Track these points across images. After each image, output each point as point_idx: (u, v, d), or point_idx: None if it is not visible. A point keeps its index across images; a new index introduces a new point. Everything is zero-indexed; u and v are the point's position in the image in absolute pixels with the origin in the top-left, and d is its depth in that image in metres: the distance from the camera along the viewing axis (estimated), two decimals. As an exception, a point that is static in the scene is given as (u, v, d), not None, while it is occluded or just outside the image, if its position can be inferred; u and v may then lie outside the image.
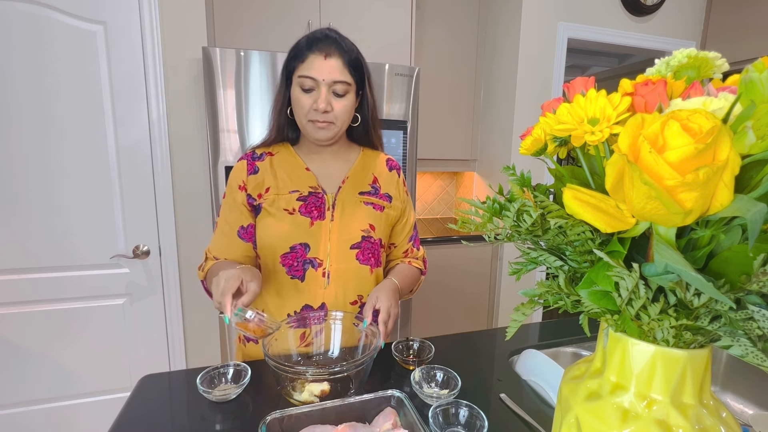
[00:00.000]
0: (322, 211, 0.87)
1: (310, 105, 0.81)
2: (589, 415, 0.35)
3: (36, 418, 1.52)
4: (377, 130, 0.95)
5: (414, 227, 1.02)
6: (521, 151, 0.40)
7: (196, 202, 1.63)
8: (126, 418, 0.67)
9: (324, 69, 0.79)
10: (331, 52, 0.79)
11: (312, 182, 0.88)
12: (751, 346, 0.27)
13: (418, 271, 1.02)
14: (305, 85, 0.80)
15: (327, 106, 0.80)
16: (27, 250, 1.43)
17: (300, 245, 0.85)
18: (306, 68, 0.79)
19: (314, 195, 0.87)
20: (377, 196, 0.93)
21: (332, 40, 0.80)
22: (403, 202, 0.98)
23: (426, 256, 1.07)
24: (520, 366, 0.86)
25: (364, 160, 0.95)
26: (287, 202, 0.86)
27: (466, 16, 2.33)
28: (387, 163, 0.98)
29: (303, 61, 0.80)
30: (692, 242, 0.30)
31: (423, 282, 1.05)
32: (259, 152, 0.91)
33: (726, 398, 0.89)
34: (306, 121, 0.83)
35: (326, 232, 0.86)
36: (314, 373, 0.66)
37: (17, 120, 1.36)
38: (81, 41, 1.39)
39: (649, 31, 2.31)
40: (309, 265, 0.85)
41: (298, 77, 0.80)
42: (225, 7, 1.74)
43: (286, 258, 0.85)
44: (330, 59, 0.79)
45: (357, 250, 0.88)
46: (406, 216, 0.99)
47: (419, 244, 1.05)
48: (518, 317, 0.37)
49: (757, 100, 0.26)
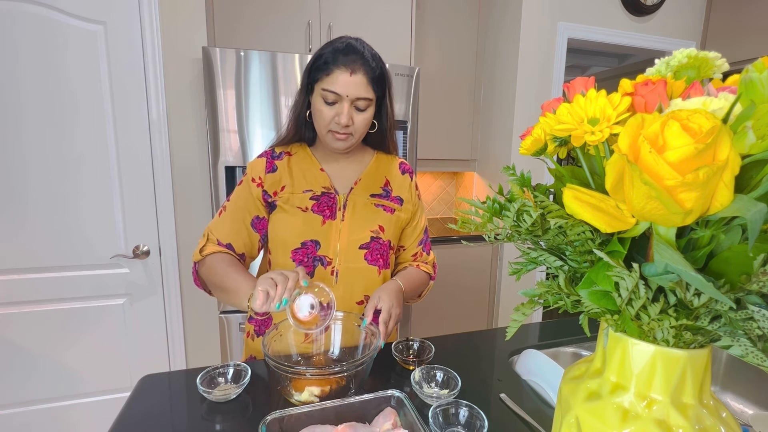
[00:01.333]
0: (334, 210, 0.88)
1: (332, 117, 0.82)
2: (589, 415, 0.35)
3: (36, 418, 1.52)
4: (393, 136, 0.97)
5: (425, 231, 1.03)
6: (521, 151, 0.40)
7: (196, 202, 1.63)
8: (126, 418, 0.67)
9: (349, 85, 0.79)
10: (356, 68, 0.79)
11: (325, 182, 0.90)
12: (751, 346, 0.27)
13: (427, 275, 1.02)
14: (328, 99, 0.80)
15: (349, 120, 0.81)
16: (27, 250, 1.43)
17: (311, 242, 0.86)
18: (330, 83, 0.79)
19: (327, 195, 0.89)
20: (388, 198, 0.94)
21: (358, 55, 0.80)
22: (414, 206, 0.99)
23: (436, 261, 1.07)
24: (520, 366, 0.86)
25: (377, 164, 0.97)
26: (301, 200, 0.88)
27: (466, 16, 2.33)
28: (400, 166, 1.00)
29: (328, 74, 0.80)
30: (692, 242, 0.30)
31: (432, 287, 1.05)
32: (278, 151, 0.92)
33: (726, 398, 0.89)
34: (326, 131, 0.84)
35: (336, 231, 0.88)
36: (314, 373, 0.66)
37: (17, 120, 1.36)
38: (81, 41, 1.39)
39: (649, 31, 2.31)
40: (318, 262, 0.87)
41: (321, 89, 0.81)
42: (225, 7, 1.74)
43: (297, 253, 0.86)
44: (355, 76, 0.79)
45: (366, 250, 0.89)
46: (417, 219, 1.00)
47: (430, 249, 1.06)
48: (518, 317, 0.37)
49: (757, 100, 0.26)
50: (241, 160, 1.57)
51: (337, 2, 1.86)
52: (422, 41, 2.24)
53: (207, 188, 1.63)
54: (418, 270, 1.00)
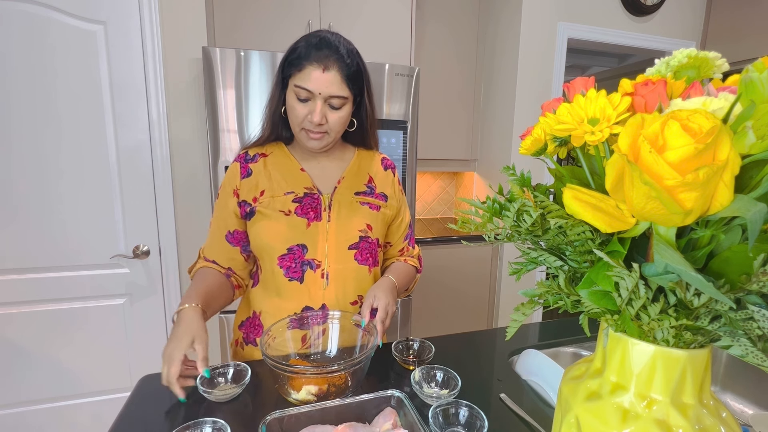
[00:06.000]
0: (319, 212, 0.86)
1: (305, 115, 0.79)
2: (589, 415, 0.35)
3: (36, 418, 1.52)
4: (374, 133, 0.94)
5: (409, 226, 1.02)
6: (521, 151, 0.40)
7: (196, 202, 1.63)
8: (126, 418, 0.66)
9: (321, 82, 0.76)
10: (329, 64, 0.76)
11: (307, 183, 0.87)
12: (751, 346, 0.27)
13: (414, 269, 1.02)
14: (301, 95, 0.77)
15: (322, 119, 0.78)
16: (27, 250, 1.43)
17: (297, 246, 0.84)
18: (302, 79, 0.76)
19: (309, 196, 0.86)
20: (373, 195, 0.92)
21: (332, 50, 0.76)
22: (398, 201, 0.97)
23: (421, 254, 1.08)
24: (520, 366, 0.86)
25: (359, 161, 0.94)
26: (283, 203, 0.85)
27: (466, 16, 2.33)
28: (382, 162, 0.98)
29: (300, 70, 0.76)
30: (692, 242, 0.30)
31: (420, 280, 1.05)
32: (252, 153, 0.89)
33: (726, 398, 0.89)
34: (299, 129, 0.81)
35: (323, 233, 0.86)
36: (311, 372, 0.66)
37: (17, 120, 1.36)
38: (81, 41, 1.39)
39: (649, 31, 2.31)
40: (307, 266, 0.85)
41: (294, 85, 0.78)
42: (225, 7, 1.74)
43: (283, 260, 0.84)
44: (328, 72, 0.76)
45: (355, 250, 0.88)
46: (402, 215, 0.99)
47: (414, 243, 1.06)
48: (518, 317, 0.37)
49: (757, 100, 0.26)
50: (241, 160, 1.57)
51: (337, 2, 1.86)
52: (422, 41, 2.24)
53: (207, 188, 1.62)
54: (406, 264, 0.99)
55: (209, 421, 0.60)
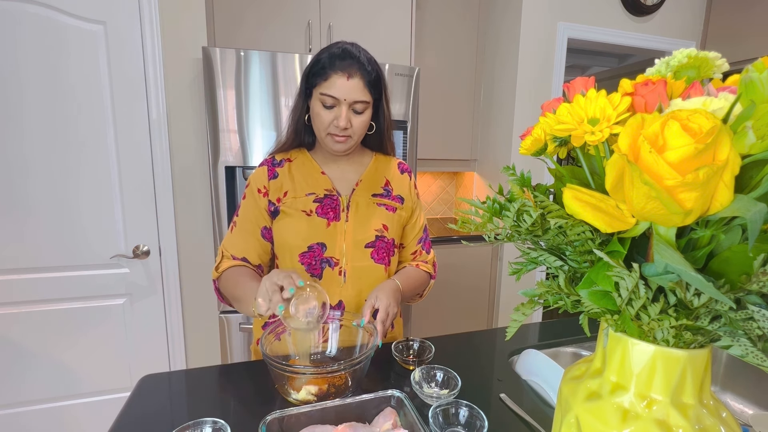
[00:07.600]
0: (338, 212, 0.90)
1: (330, 120, 0.84)
2: (589, 415, 0.35)
3: (36, 418, 1.52)
4: (390, 137, 0.99)
5: (424, 230, 1.04)
6: (521, 151, 0.40)
7: (196, 202, 1.63)
8: (126, 418, 0.67)
9: (346, 89, 0.81)
10: (353, 73, 0.81)
11: (327, 185, 0.92)
12: (751, 346, 0.27)
13: (427, 275, 1.02)
14: (326, 103, 0.83)
15: (347, 123, 0.84)
16: (27, 250, 1.43)
17: (317, 245, 0.88)
18: (328, 87, 0.82)
19: (329, 197, 0.91)
20: (389, 197, 0.96)
21: (354, 60, 0.82)
22: (413, 203, 1.01)
23: (436, 260, 1.07)
24: (520, 366, 0.86)
25: (377, 164, 0.98)
26: (304, 204, 0.89)
27: (466, 16, 2.33)
28: (399, 166, 1.02)
29: (326, 79, 0.82)
30: (692, 242, 0.30)
31: (432, 286, 1.05)
32: (279, 158, 0.94)
33: (726, 398, 0.89)
34: (325, 134, 0.86)
35: (341, 232, 0.89)
36: (311, 372, 0.66)
37: (17, 120, 1.36)
38: (81, 41, 1.39)
39: (649, 31, 2.31)
40: (326, 264, 0.89)
41: (320, 94, 0.83)
42: (225, 7, 1.73)
43: (304, 257, 0.88)
44: (352, 80, 0.81)
45: (372, 249, 0.91)
46: (416, 217, 1.01)
47: (430, 248, 1.06)
48: (518, 317, 0.37)
49: (757, 100, 0.26)
50: (241, 160, 1.56)
51: (337, 2, 1.86)
52: (422, 41, 2.24)
53: (207, 188, 1.62)
54: (417, 269, 1.00)
55: (209, 421, 0.60)
